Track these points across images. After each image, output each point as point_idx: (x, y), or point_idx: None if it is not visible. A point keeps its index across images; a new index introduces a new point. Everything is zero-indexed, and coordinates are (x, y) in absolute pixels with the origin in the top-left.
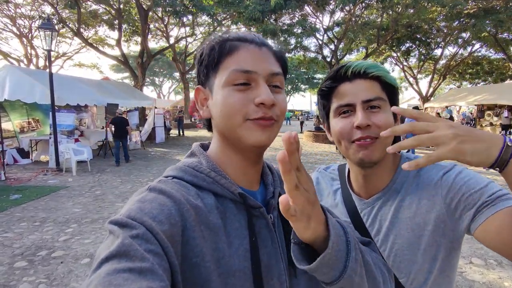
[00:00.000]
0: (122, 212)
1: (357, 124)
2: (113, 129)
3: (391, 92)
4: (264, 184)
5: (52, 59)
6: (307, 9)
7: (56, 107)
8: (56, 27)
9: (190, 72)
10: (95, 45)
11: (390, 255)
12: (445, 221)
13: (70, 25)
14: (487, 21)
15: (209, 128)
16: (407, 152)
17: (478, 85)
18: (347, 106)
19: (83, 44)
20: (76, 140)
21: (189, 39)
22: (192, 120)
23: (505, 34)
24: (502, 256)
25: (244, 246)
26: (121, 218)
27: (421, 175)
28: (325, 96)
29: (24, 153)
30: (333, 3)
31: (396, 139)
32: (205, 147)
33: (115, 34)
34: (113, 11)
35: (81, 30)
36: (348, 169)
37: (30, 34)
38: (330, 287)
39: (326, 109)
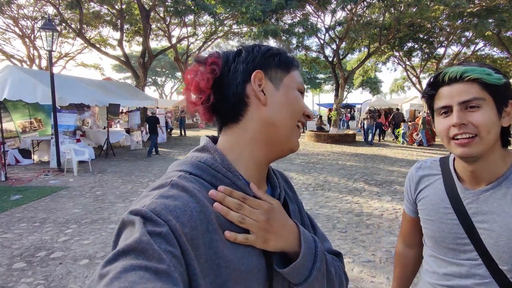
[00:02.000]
0: (145, 204)
1: (452, 124)
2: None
3: (495, 90)
4: (272, 186)
5: (55, 59)
6: (309, 8)
7: (58, 107)
8: (58, 28)
9: None
10: (97, 45)
11: (493, 246)
12: None
13: (72, 26)
14: (489, 20)
15: (235, 113)
16: None
17: None
18: (445, 107)
19: (85, 45)
20: (77, 141)
21: (191, 39)
22: (194, 120)
23: (509, 33)
24: None
25: None
26: (145, 210)
27: None
28: (430, 97)
29: (26, 154)
30: (335, 2)
31: (507, 136)
32: (215, 139)
33: (117, 35)
34: (115, 12)
35: (83, 30)
36: (454, 158)
37: (33, 35)
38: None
39: (431, 108)
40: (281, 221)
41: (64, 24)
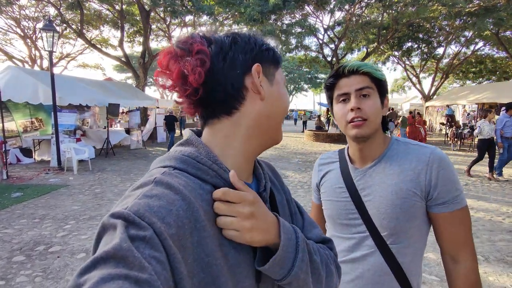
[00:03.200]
0: (128, 206)
1: (351, 107)
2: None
3: (380, 84)
4: (257, 178)
5: (56, 60)
6: (307, 8)
7: (58, 107)
8: (59, 28)
9: None
10: (98, 46)
11: (376, 214)
12: (423, 190)
13: (73, 26)
14: (488, 19)
15: (229, 106)
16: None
17: (481, 83)
18: (345, 94)
19: (86, 45)
20: (78, 140)
21: None
22: (195, 120)
23: (508, 33)
24: (489, 253)
25: None
26: (128, 213)
27: (409, 152)
28: (330, 89)
29: (27, 153)
30: (333, 2)
31: (384, 121)
32: (199, 133)
33: (118, 35)
34: (115, 12)
35: (84, 31)
36: (347, 146)
37: (34, 36)
38: (279, 283)
39: (331, 98)
40: (264, 213)
41: (65, 25)
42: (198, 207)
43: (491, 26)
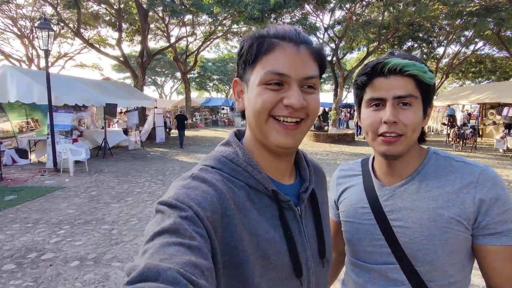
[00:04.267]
0: (170, 195)
1: (384, 120)
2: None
3: (426, 90)
4: (301, 178)
5: (54, 59)
6: (308, 7)
7: (54, 107)
8: (56, 28)
9: (192, 72)
10: (96, 45)
11: (408, 243)
12: (470, 219)
13: (70, 26)
14: (489, 19)
15: (243, 118)
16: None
17: (481, 83)
18: (379, 100)
19: (84, 45)
20: (74, 140)
21: (190, 39)
22: (193, 120)
23: (508, 32)
24: None
25: (279, 234)
26: (171, 200)
27: (453, 171)
28: (360, 87)
29: (23, 154)
30: (333, 1)
31: (422, 136)
32: (241, 133)
33: (116, 34)
34: (113, 11)
35: (82, 30)
36: (373, 157)
37: (31, 35)
38: None
39: (360, 98)
40: None
41: (62, 24)
42: (229, 198)
43: (492, 26)
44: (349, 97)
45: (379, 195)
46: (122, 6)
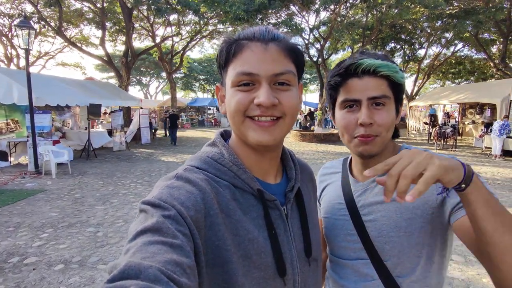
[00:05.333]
0: (153, 195)
1: (360, 122)
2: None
3: (398, 90)
4: (287, 178)
5: (34, 58)
6: (293, 8)
7: (35, 108)
8: (37, 26)
9: (178, 72)
10: (78, 44)
11: (377, 237)
12: (434, 207)
13: (51, 24)
14: (467, 22)
15: None
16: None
17: (460, 84)
18: (353, 101)
19: (66, 44)
20: (56, 142)
21: (176, 39)
22: (179, 120)
23: (486, 35)
24: None
25: (262, 234)
26: (154, 200)
27: None
28: (333, 88)
29: (2, 156)
30: (318, 2)
31: (395, 133)
32: (228, 134)
33: (99, 33)
34: (96, 10)
35: (64, 29)
36: (351, 157)
37: (10, 33)
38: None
39: (333, 99)
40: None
41: (43, 22)
42: (213, 198)
43: (470, 28)
44: None
45: (353, 191)
46: (105, 4)
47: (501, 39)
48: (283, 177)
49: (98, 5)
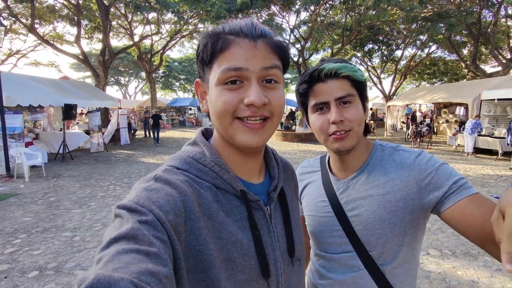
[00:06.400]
0: (130, 199)
1: (332, 120)
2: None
3: (360, 87)
4: (270, 177)
5: (4, 56)
6: (274, 9)
7: (5, 109)
8: (7, 22)
9: (158, 72)
10: (52, 42)
11: (362, 230)
12: (415, 199)
13: (23, 21)
14: (441, 24)
15: (210, 118)
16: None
17: (435, 84)
18: (322, 103)
19: (39, 41)
20: (29, 144)
21: (155, 37)
22: (160, 120)
23: (458, 37)
24: (455, 246)
25: (246, 235)
26: (130, 204)
27: (395, 159)
28: (303, 95)
29: None
30: (299, 3)
31: (367, 129)
32: (209, 133)
33: (75, 31)
34: (71, 6)
35: (37, 25)
36: (329, 156)
37: None
38: None
39: (304, 105)
40: None
41: (14, 19)
42: (193, 200)
43: (443, 31)
44: None
45: (335, 188)
46: (81, 1)
47: (472, 42)
48: (266, 176)
49: (73, 1)
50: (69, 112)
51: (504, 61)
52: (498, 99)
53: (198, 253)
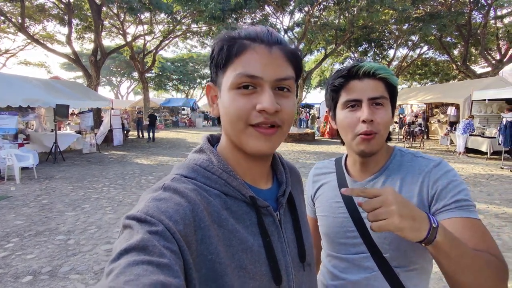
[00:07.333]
0: (139, 209)
1: (363, 119)
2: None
3: (393, 92)
4: (278, 182)
5: None
6: (268, 9)
7: None
8: None
9: (151, 72)
10: (42, 41)
11: (375, 233)
12: (426, 206)
13: (13, 20)
14: (432, 25)
15: (219, 123)
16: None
17: (426, 84)
18: (355, 101)
19: (29, 41)
20: (21, 145)
21: (148, 37)
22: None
23: (449, 38)
24: None
25: (257, 242)
26: (140, 214)
27: (413, 165)
28: (336, 90)
29: None
30: (293, 3)
31: (388, 135)
32: (214, 139)
33: (66, 30)
34: (62, 6)
35: (27, 25)
36: (346, 156)
37: None
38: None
39: (335, 100)
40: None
41: (3, 18)
42: (203, 209)
43: (435, 32)
44: (308, 98)
45: None
46: (72, 0)
47: (463, 43)
48: (274, 181)
49: (64, 0)
50: (61, 112)
51: (493, 61)
52: (488, 100)
53: (210, 262)
